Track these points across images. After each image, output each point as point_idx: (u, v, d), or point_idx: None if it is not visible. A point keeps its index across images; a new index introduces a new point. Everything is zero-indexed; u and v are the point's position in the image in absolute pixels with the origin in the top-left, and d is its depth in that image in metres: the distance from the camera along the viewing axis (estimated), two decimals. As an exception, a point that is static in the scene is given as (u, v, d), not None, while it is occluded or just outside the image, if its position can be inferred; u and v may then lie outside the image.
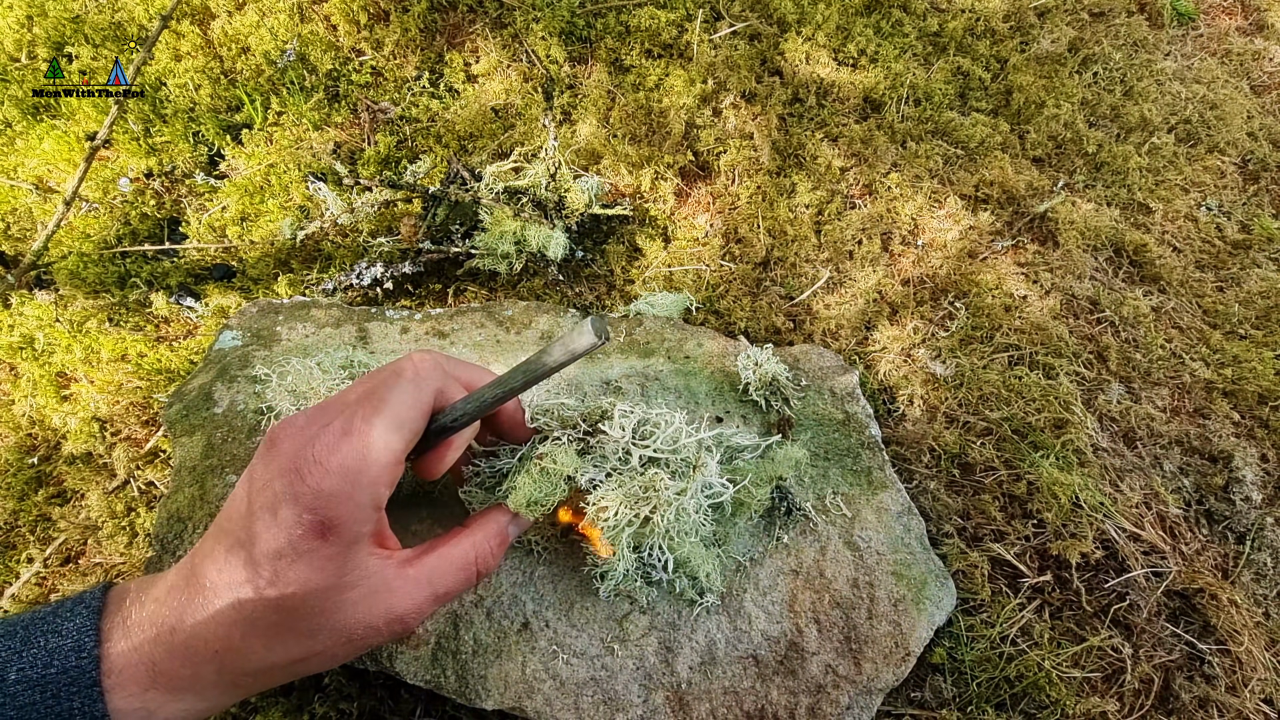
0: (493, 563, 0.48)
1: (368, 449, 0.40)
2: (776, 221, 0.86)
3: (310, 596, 0.39)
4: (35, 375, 0.78)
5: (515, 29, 0.98)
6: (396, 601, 0.42)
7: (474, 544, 0.47)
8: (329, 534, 0.39)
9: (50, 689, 0.37)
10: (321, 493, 0.38)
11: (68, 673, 0.37)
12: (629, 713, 0.53)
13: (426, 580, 0.44)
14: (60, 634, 0.38)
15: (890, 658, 0.57)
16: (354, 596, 0.41)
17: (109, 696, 0.37)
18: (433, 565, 0.44)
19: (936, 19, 1.04)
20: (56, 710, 0.36)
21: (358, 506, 0.40)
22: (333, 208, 0.84)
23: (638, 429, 0.52)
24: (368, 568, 0.42)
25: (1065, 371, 0.77)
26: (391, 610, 0.42)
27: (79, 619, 0.39)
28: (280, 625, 0.39)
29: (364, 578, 0.41)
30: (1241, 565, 0.67)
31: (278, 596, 0.38)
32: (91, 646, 0.38)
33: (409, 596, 0.43)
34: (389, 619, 0.42)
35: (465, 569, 0.46)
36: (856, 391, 0.72)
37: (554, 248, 0.81)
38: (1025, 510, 0.69)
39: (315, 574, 0.39)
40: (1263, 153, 1.00)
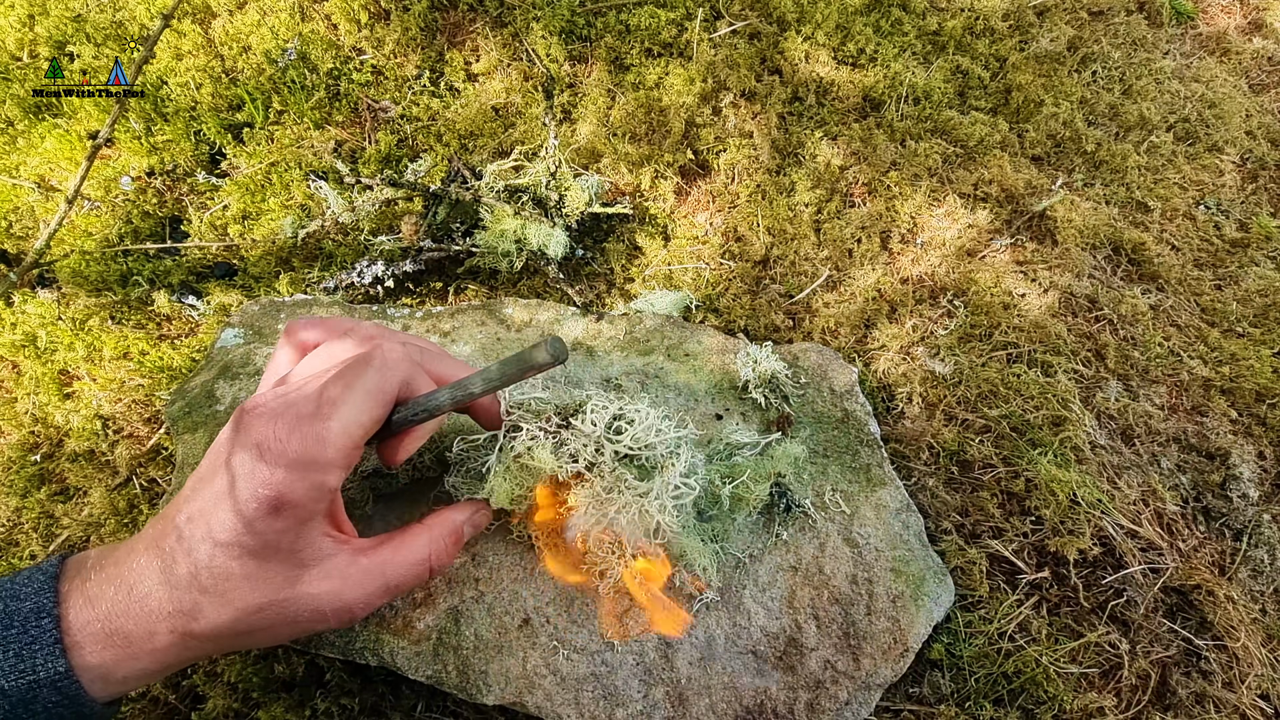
0: (447, 560, 0.49)
1: (327, 433, 0.41)
2: (776, 220, 0.86)
3: (261, 570, 0.40)
4: (38, 373, 0.78)
5: (515, 28, 0.99)
6: (347, 590, 0.43)
7: (430, 540, 0.48)
8: (282, 511, 0.40)
9: (12, 648, 0.38)
10: (277, 471, 0.40)
11: (28, 632, 0.38)
12: (629, 708, 0.53)
13: (380, 572, 0.45)
14: (19, 598, 0.40)
15: (889, 653, 0.57)
16: (305, 577, 0.42)
17: (69, 654, 0.39)
18: (386, 558, 0.45)
19: (936, 18, 1.04)
20: (19, 668, 0.38)
21: (312, 487, 0.41)
22: (334, 206, 0.84)
23: (611, 424, 0.52)
24: (321, 549, 0.43)
25: (1063, 369, 0.77)
26: (340, 598, 0.43)
27: (36, 584, 0.41)
28: (230, 595, 0.40)
29: (316, 560, 0.42)
30: (1238, 562, 0.68)
31: (230, 567, 0.40)
32: (50, 607, 0.39)
33: (360, 586, 0.44)
34: (336, 606, 0.43)
35: (419, 564, 0.47)
36: (855, 389, 0.72)
37: (554, 246, 0.81)
38: (1023, 507, 0.69)
39: (267, 548, 0.40)
40: (1261, 151, 1.00)
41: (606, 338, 0.75)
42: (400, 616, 0.55)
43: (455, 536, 0.50)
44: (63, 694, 0.38)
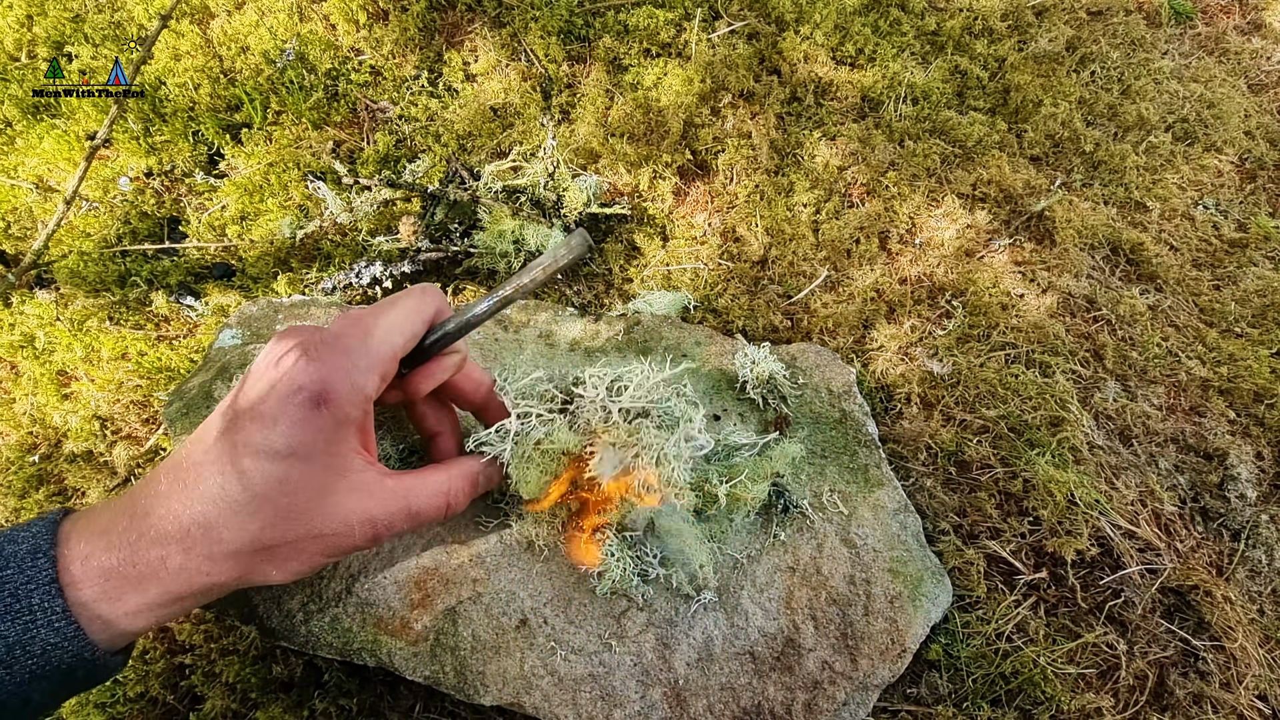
0: (462, 500, 0.50)
1: (370, 337, 0.43)
2: (774, 220, 0.86)
3: (295, 473, 0.41)
4: (36, 373, 0.78)
5: (514, 28, 0.99)
6: (374, 505, 0.44)
7: (449, 478, 0.49)
8: (324, 406, 0.41)
9: (7, 588, 0.38)
10: (323, 365, 0.41)
11: (24, 572, 0.38)
12: (626, 709, 0.53)
13: (404, 494, 0.46)
14: (16, 541, 0.40)
15: (886, 654, 0.57)
16: (337, 485, 0.43)
17: (67, 592, 0.38)
18: (411, 484, 0.47)
19: (934, 18, 1.04)
20: (15, 608, 0.37)
21: (353, 387, 0.42)
22: (332, 207, 0.84)
23: (611, 386, 0.54)
24: (352, 461, 0.44)
25: (1062, 370, 0.77)
26: (368, 511, 0.44)
27: (36, 528, 0.40)
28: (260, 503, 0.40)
29: (349, 469, 0.43)
30: (1236, 562, 0.68)
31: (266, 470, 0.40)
32: (47, 547, 0.39)
33: (385, 504, 0.45)
34: (364, 519, 0.44)
35: (438, 497, 0.48)
36: (854, 389, 0.72)
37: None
38: (1021, 507, 0.69)
39: (303, 450, 0.41)
40: (1260, 151, 1.00)
41: (604, 338, 0.75)
42: (398, 617, 0.55)
43: (472, 480, 0.51)
44: (60, 635, 0.38)
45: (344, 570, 0.56)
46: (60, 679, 0.39)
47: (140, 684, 0.62)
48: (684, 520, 0.56)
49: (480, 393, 0.54)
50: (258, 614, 0.54)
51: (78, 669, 0.39)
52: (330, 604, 0.55)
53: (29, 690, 0.38)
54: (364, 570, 0.56)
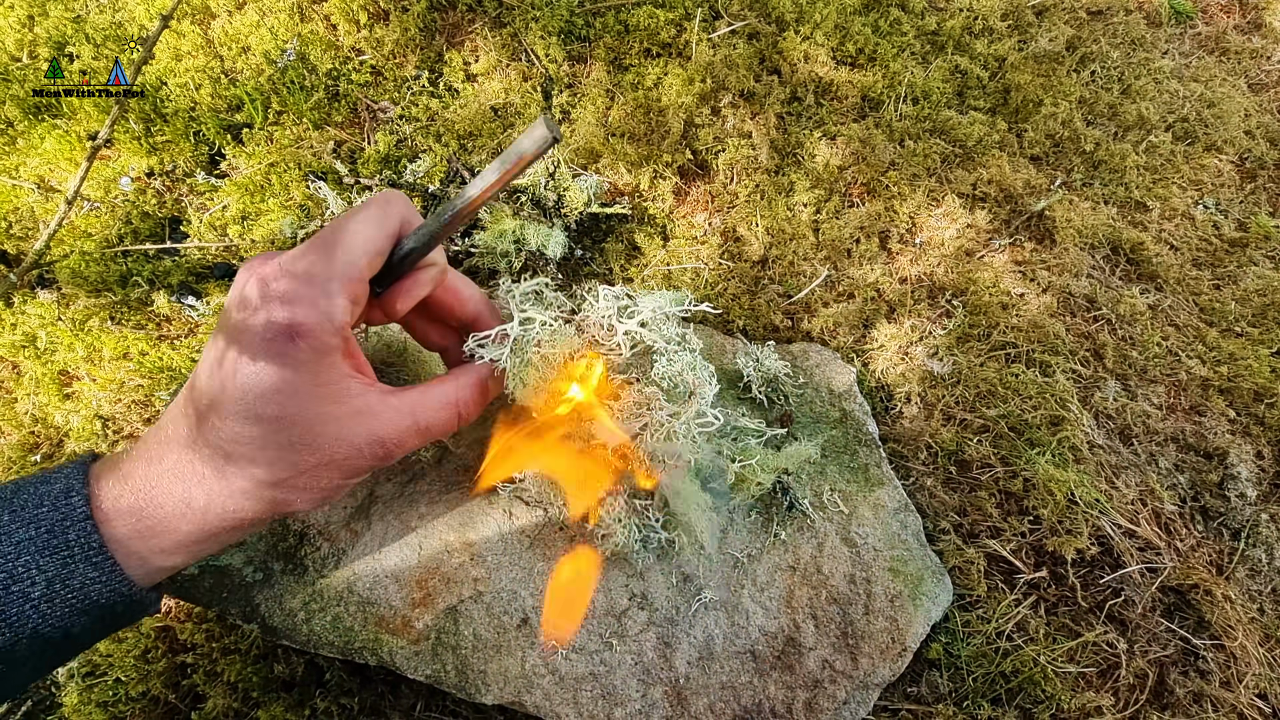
0: (473, 409, 0.49)
1: (332, 259, 0.41)
2: (775, 220, 0.86)
3: (289, 401, 0.40)
4: (38, 373, 0.78)
5: (514, 28, 0.99)
6: (380, 425, 0.43)
7: (457, 386, 0.48)
8: (297, 338, 0.40)
9: (44, 524, 0.38)
10: (287, 295, 0.40)
11: (59, 509, 0.39)
12: (627, 707, 0.54)
13: (410, 410, 0.45)
14: (49, 482, 0.40)
15: (887, 653, 0.57)
16: (336, 412, 0.42)
17: (101, 528, 0.39)
18: (415, 398, 0.46)
19: (934, 18, 1.04)
20: (53, 544, 0.38)
21: (322, 314, 0.40)
22: (333, 207, 0.84)
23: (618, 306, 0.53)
24: (348, 387, 0.43)
25: (1062, 369, 0.77)
26: (374, 432, 0.43)
27: (66, 470, 0.41)
28: (262, 439, 0.40)
29: (345, 395, 0.42)
30: (1236, 561, 0.68)
31: (260, 400, 0.39)
32: (79, 486, 0.40)
33: (391, 422, 0.44)
34: (371, 440, 0.43)
35: (448, 407, 0.47)
36: (854, 389, 0.72)
37: (553, 246, 0.81)
38: (1021, 507, 0.69)
39: (293, 376, 0.40)
40: (1260, 151, 1.00)
41: (605, 338, 0.75)
42: (399, 616, 0.55)
43: (480, 386, 0.49)
44: (98, 569, 0.38)
45: (346, 572, 0.56)
46: (99, 613, 0.39)
47: (142, 683, 0.63)
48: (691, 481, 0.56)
49: (468, 307, 0.52)
50: (259, 613, 0.54)
51: (116, 604, 0.40)
52: (332, 603, 0.55)
53: (69, 624, 0.38)
54: (365, 573, 0.56)
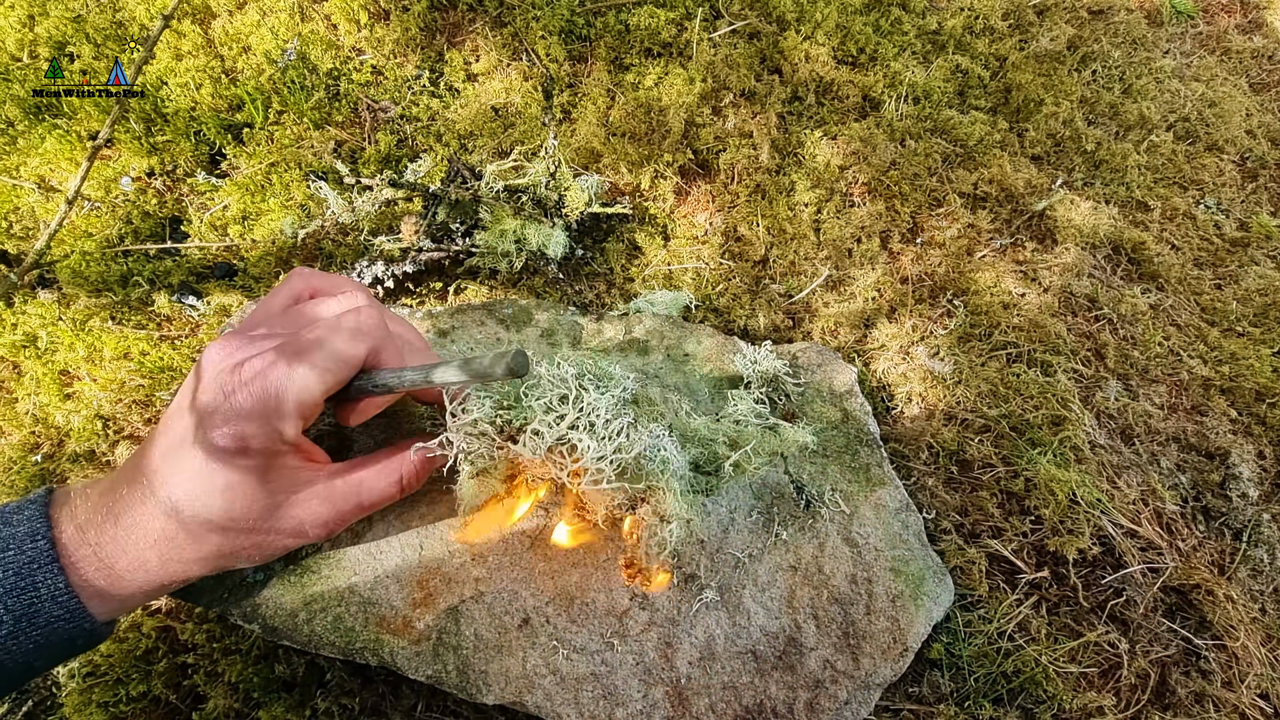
0: (416, 482, 0.52)
1: (287, 385, 0.43)
2: (776, 220, 0.86)
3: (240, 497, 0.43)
4: (38, 373, 0.78)
5: (515, 28, 0.99)
6: (325, 509, 0.47)
7: (401, 463, 0.51)
8: (247, 451, 0.43)
9: (11, 568, 0.40)
10: (240, 412, 0.42)
11: (25, 553, 0.40)
12: (629, 707, 0.54)
13: (355, 492, 0.48)
14: (11, 524, 0.42)
15: (888, 653, 0.57)
16: (283, 500, 0.45)
17: (67, 573, 0.41)
18: (360, 477, 0.49)
19: (935, 17, 1.04)
20: (20, 586, 0.40)
21: (271, 432, 0.43)
22: (334, 206, 0.84)
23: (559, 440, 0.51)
24: (297, 480, 0.46)
25: (1063, 369, 0.77)
26: (318, 516, 0.47)
27: (27, 513, 0.43)
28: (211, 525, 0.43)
29: (293, 485, 0.46)
30: (1238, 561, 0.68)
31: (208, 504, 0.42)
32: (44, 531, 0.42)
33: (336, 506, 0.47)
34: (315, 522, 0.47)
35: (391, 485, 0.50)
36: (855, 389, 0.72)
37: (554, 246, 0.81)
38: (1023, 507, 0.69)
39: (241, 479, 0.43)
40: (1261, 150, 1.00)
41: (606, 337, 0.75)
42: (400, 616, 0.55)
43: (427, 462, 0.52)
44: (64, 609, 0.41)
45: (347, 572, 0.56)
46: (62, 647, 0.42)
47: (143, 683, 0.63)
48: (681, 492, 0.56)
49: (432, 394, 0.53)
50: (260, 613, 0.54)
51: (77, 638, 0.42)
52: (333, 603, 0.55)
53: (32, 658, 0.41)
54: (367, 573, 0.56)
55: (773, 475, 0.63)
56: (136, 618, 0.65)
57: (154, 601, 0.65)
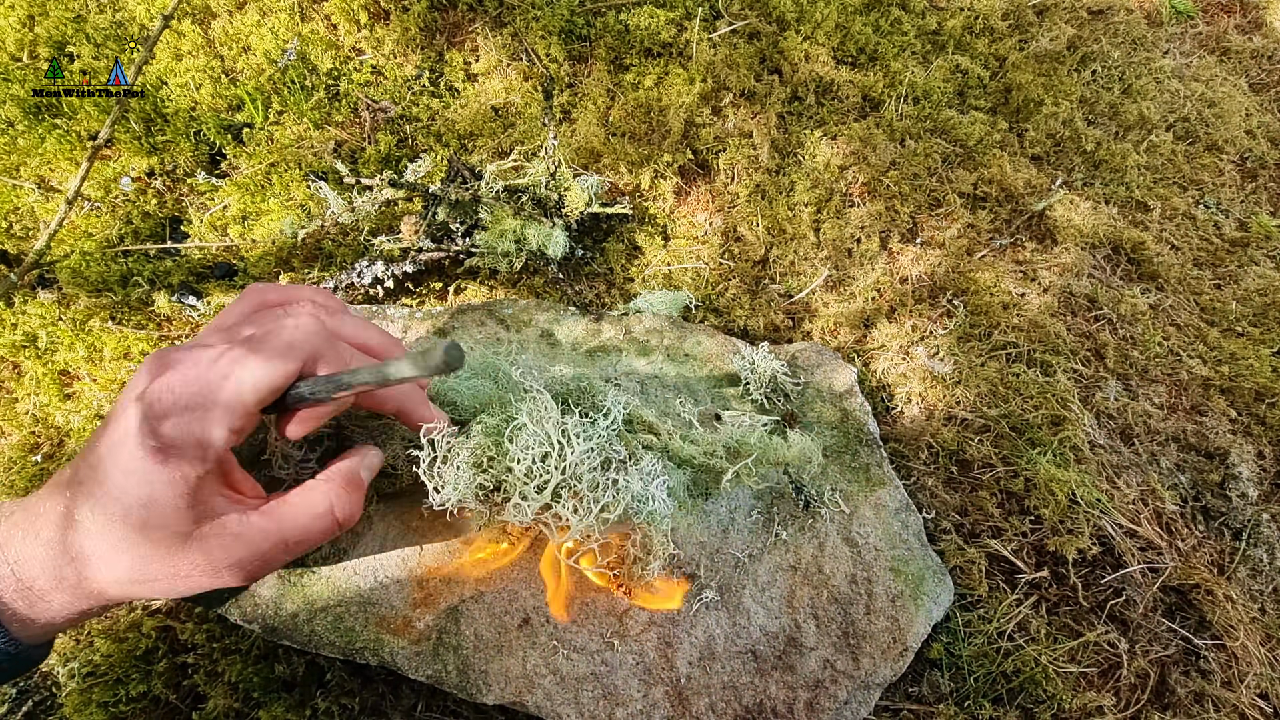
0: (352, 509, 0.47)
1: (218, 393, 0.41)
2: (775, 220, 0.86)
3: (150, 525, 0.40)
4: (38, 373, 0.78)
5: (515, 28, 0.99)
6: (240, 549, 0.42)
7: (328, 490, 0.46)
8: (170, 460, 0.40)
9: None
10: (167, 420, 0.40)
11: None
12: (629, 707, 0.54)
13: (275, 529, 0.44)
14: None
15: (888, 653, 0.57)
16: (201, 531, 0.42)
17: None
18: (284, 513, 0.44)
19: (935, 17, 1.04)
20: None
21: (198, 443, 0.41)
22: (334, 206, 0.84)
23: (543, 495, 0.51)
24: (213, 507, 0.42)
25: (1063, 369, 0.77)
26: (232, 556, 0.42)
27: None
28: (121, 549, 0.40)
29: (207, 517, 0.42)
30: (1237, 561, 0.68)
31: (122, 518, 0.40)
32: None
33: (253, 544, 0.43)
34: (230, 564, 0.42)
35: (321, 518, 0.45)
36: (855, 389, 0.72)
37: (554, 246, 0.81)
38: (1022, 506, 0.69)
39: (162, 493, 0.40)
40: (1261, 150, 1.00)
41: (606, 337, 0.75)
42: (400, 616, 0.55)
43: (353, 483, 0.48)
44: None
45: (347, 572, 0.56)
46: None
47: (143, 683, 0.63)
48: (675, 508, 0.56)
49: (388, 406, 0.50)
50: (260, 613, 0.54)
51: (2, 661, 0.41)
52: (333, 603, 0.55)
53: None
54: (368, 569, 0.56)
55: (773, 476, 0.63)
56: (137, 618, 0.65)
57: (155, 601, 0.66)
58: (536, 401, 0.52)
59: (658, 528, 0.52)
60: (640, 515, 0.52)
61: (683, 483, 0.60)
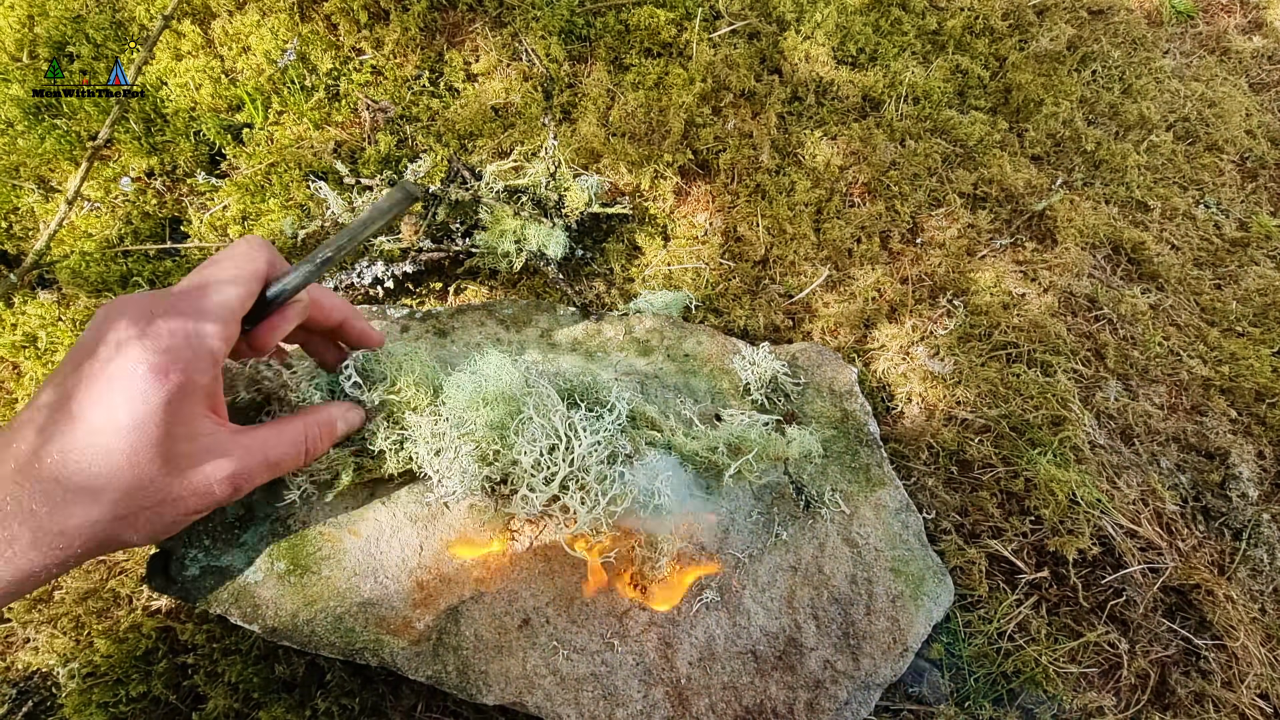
0: (320, 446, 0.51)
1: (206, 299, 0.43)
2: (776, 220, 0.86)
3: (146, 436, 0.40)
4: (38, 374, 0.78)
5: (515, 28, 0.99)
6: (231, 463, 0.45)
7: (306, 425, 0.50)
8: (170, 374, 0.41)
9: None
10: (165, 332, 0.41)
11: None
12: (629, 708, 0.54)
13: (261, 448, 0.47)
14: None
15: (888, 653, 0.57)
16: (189, 449, 0.43)
17: None
18: (265, 436, 0.48)
19: (935, 17, 1.04)
20: None
21: (198, 353, 0.42)
22: (334, 207, 0.84)
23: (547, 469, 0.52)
24: (203, 428, 0.44)
25: (1063, 369, 0.77)
26: (224, 470, 0.44)
27: None
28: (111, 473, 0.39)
29: (199, 433, 0.43)
30: (1238, 561, 0.68)
31: (111, 447, 0.39)
32: None
33: (242, 460, 0.45)
34: (221, 478, 0.44)
35: (297, 444, 0.49)
36: (855, 389, 0.72)
37: (554, 246, 0.81)
38: (1023, 507, 0.69)
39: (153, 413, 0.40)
40: (1261, 150, 1.00)
41: (606, 338, 0.75)
42: (400, 617, 0.55)
43: (329, 428, 0.52)
44: None
45: (347, 572, 0.56)
46: None
47: (143, 683, 0.63)
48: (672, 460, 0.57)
49: (334, 316, 0.53)
50: (260, 613, 0.54)
51: None
52: (333, 603, 0.55)
53: None
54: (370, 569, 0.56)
55: (773, 476, 0.63)
56: (137, 618, 0.65)
57: (154, 601, 0.65)
58: (542, 396, 0.52)
59: (664, 523, 0.52)
60: (646, 510, 0.52)
61: (686, 481, 0.60)
